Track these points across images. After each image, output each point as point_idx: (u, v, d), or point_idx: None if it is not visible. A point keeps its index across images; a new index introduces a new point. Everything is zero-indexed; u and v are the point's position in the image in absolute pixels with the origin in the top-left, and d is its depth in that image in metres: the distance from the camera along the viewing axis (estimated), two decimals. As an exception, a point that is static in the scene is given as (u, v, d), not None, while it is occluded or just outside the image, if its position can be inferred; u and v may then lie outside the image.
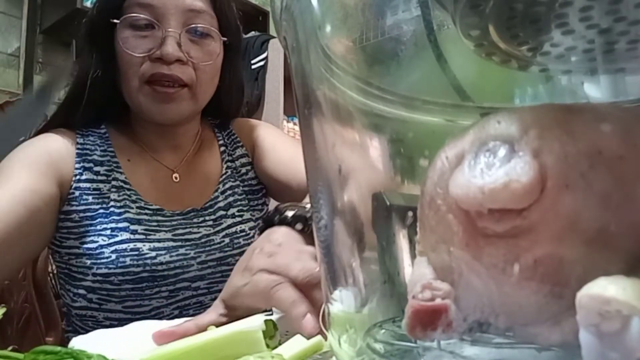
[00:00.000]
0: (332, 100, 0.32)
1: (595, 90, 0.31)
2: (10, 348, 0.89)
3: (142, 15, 0.69)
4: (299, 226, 0.53)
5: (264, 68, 2.39)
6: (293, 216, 0.54)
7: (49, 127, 0.77)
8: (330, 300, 0.31)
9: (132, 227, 0.70)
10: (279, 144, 0.85)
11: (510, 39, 0.29)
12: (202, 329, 0.45)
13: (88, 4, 2.07)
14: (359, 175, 0.32)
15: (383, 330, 0.29)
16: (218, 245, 0.74)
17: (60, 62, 2.32)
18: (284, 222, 0.54)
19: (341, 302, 0.31)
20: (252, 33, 2.55)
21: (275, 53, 2.35)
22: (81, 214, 0.70)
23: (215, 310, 0.50)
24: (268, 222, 0.56)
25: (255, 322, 0.38)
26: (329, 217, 0.32)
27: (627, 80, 0.30)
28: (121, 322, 0.65)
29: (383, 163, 0.34)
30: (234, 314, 0.49)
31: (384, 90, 0.33)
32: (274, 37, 2.44)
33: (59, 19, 2.18)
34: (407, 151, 0.34)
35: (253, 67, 2.39)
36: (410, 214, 0.30)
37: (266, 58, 2.39)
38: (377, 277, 0.31)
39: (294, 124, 2.44)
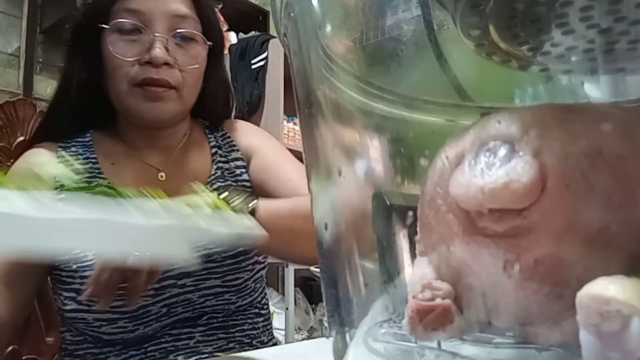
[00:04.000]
0: (332, 100, 0.32)
1: (595, 90, 0.31)
2: (10, 348, 0.88)
3: (130, 20, 0.71)
4: None
5: (264, 68, 2.39)
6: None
7: (34, 140, 0.78)
8: (330, 300, 0.31)
9: None
10: (280, 160, 0.84)
11: (511, 38, 0.29)
12: None
13: (88, 4, 2.07)
14: (359, 175, 0.32)
15: (383, 330, 0.29)
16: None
17: (61, 62, 2.31)
18: None
19: (341, 302, 0.31)
20: (252, 33, 2.55)
21: (275, 53, 2.35)
22: None
23: None
24: None
25: None
26: (329, 217, 0.32)
27: (627, 80, 0.30)
28: (110, 323, 0.66)
29: (383, 163, 0.34)
30: None
31: (384, 90, 0.33)
32: (274, 37, 2.44)
33: (59, 19, 2.17)
34: (407, 151, 0.34)
35: (253, 67, 2.39)
36: (410, 214, 0.30)
37: (266, 58, 2.39)
38: (377, 277, 0.31)
39: (294, 124, 2.44)
